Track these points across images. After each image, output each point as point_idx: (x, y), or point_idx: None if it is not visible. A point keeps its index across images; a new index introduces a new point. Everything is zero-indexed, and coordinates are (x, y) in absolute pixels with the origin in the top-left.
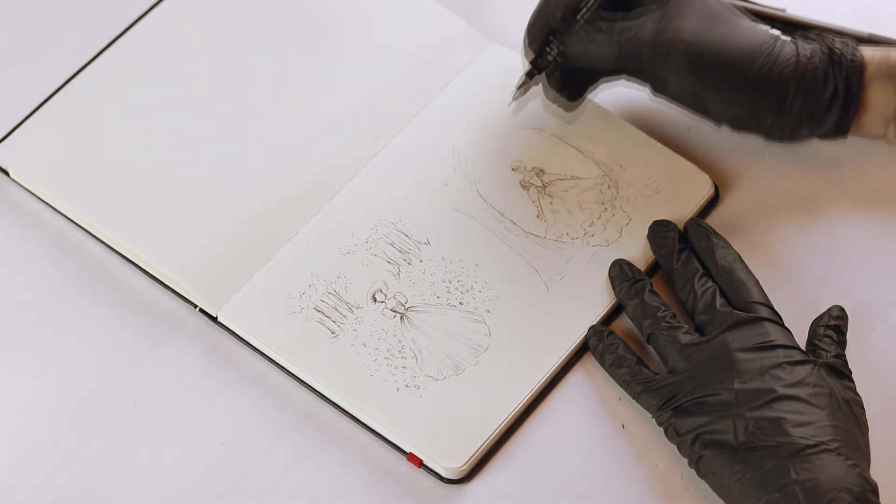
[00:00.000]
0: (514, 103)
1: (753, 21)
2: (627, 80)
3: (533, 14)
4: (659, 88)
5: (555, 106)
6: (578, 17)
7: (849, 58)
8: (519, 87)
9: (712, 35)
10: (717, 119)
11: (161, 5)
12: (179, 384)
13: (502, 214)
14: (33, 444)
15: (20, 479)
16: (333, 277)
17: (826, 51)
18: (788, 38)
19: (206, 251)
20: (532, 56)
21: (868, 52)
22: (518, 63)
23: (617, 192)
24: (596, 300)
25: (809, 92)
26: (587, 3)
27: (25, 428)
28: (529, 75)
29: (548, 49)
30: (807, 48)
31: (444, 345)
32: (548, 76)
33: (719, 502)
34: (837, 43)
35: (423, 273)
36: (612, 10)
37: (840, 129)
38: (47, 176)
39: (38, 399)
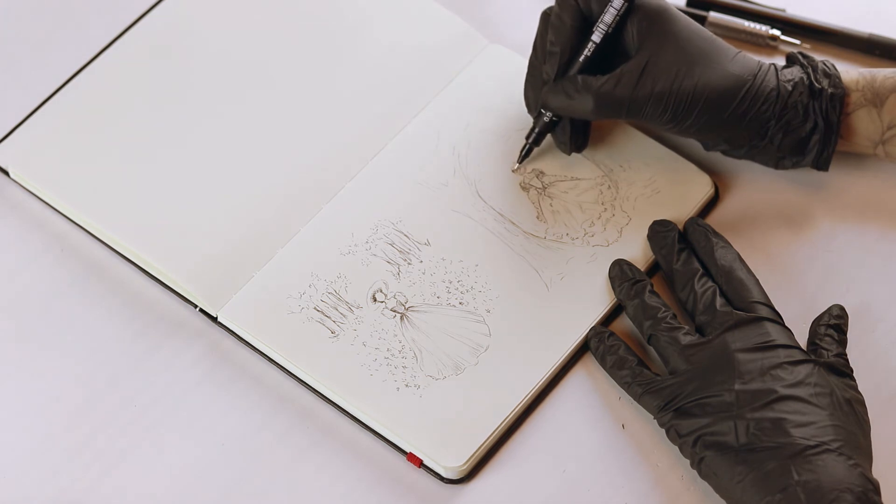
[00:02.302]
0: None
1: (736, 51)
2: None
3: (524, 83)
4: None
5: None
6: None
7: (829, 91)
8: (522, 156)
9: (687, 84)
10: (705, 147)
11: (161, 5)
12: (179, 384)
13: (502, 215)
14: (33, 444)
15: (20, 479)
16: (333, 277)
17: (807, 83)
18: (772, 68)
19: (206, 251)
20: (532, 122)
21: (853, 76)
22: (518, 64)
23: (617, 193)
24: (596, 300)
25: (790, 125)
26: (566, 63)
27: (26, 428)
28: (535, 144)
29: (542, 112)
30: (788, 80)
31: (444, 345)
32: (553, 136)
33: (720, 502)
34: (820, 71)
35: (423, 273)
36: (595, 72)
37: (820, 163)
38: (47, 176)
39: (38, 399)
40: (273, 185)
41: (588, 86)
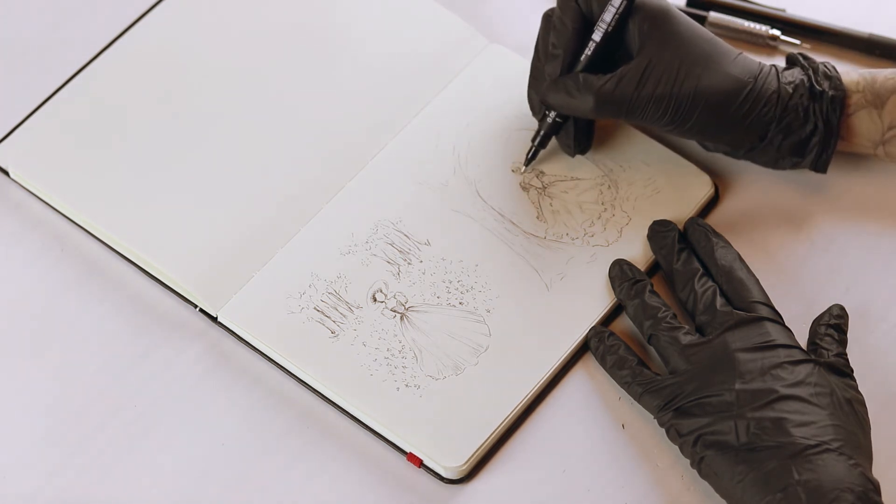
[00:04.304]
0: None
1: (737, 52)
2: None
3: (527, 86)
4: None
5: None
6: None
7: (830, 94)
8: (528, 159)
9: (689, 85)
10: (706, 148)
11: (161, 5)
12: (179, 384)
13: (502, 215)
14: (33, 444)
15: (20, 479)
16: (333, 277)
17: (808, 85)
18: (773, 70)
19: (206, 251)
20: (537, 125)
21: (854, 78)
22: (518, 64)
23: (617, 193)
24: (596, 300)
25: (790, 127)
26: (569, 65)
27: (25, 428)
28: (541, 146)
29: (546, 114)
30: (789, 82)
31: (444, 345)
32: (557, 139)
33: (720, 502)
34: (821, 73)
35: (423, 273)
36: (597, 71)
37: (819, 165)
38: (47, 176)
39: (37, 399)
40: (273, 186)
41: (589, 84)
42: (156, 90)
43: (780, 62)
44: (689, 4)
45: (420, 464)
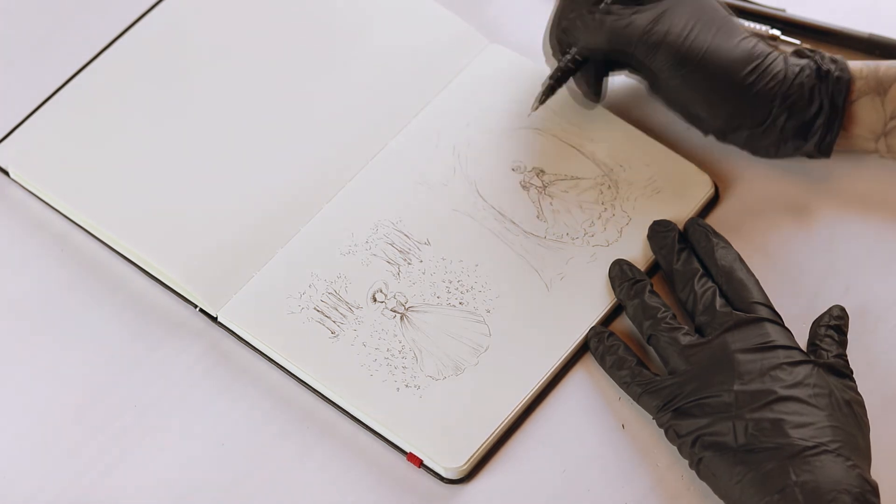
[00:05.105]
0: (535, 107)
1: (751, 34)
2: (628, 75)
3: (549, 22)
4: (652, 87)
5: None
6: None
7: (835, 74)
8: (543, 95)
9: (701, 39)
10: (704, 128)
11: (161, 5)
12: (179, 384)
13: (502, 215)
14: (33, 445)
15: (21, 479)
16: (333, 277)
17: (814, 67)
18: (781, 55)
19: (206, 251)
20: (556, 63)
21: (857, 66)
22: (518, 64)
23: (617, 193)
24: (596, 300)
25: (794, 106)
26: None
27: (25, 428)
28: (556, 83)
29: (567, 52)
30: (796, 65)
31: (444, 345)
32: (574, 80)
33: (720, 502)
34: (828, 59)
35: (423, 273)
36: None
37: (823, 148)
38: (47, 176)
39: (38, 399)
40: (273, 185)
41: (602, 17)
42: (155, 90)
43: None
44: None
45: (420, 464)
